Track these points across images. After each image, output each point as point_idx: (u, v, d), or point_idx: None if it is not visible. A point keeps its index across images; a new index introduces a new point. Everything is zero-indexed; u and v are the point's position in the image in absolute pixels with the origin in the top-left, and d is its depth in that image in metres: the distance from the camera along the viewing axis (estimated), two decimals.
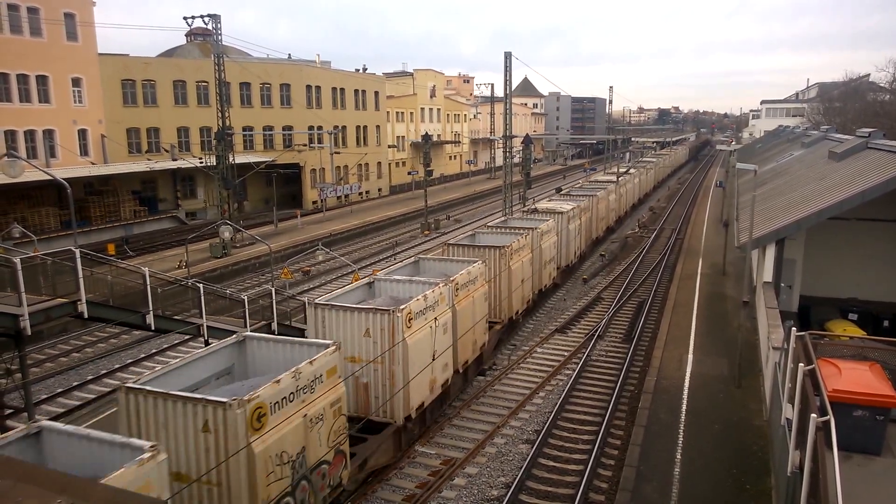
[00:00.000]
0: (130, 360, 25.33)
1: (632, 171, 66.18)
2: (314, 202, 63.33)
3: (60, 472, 5.64)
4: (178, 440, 11.08)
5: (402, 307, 16.28)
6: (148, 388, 11.48)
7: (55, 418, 20.09)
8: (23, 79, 42.29)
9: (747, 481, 14.59)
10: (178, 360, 13.17)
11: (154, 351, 26.33)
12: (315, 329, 16.58)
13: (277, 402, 11.49)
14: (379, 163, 76.69)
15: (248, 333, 14.84)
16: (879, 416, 11.90)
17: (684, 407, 18.49)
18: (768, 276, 21.97)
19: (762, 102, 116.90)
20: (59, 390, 22.49)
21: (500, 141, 65.48)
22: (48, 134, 44.31)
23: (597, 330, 27.20)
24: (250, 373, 14.12)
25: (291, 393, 11.87)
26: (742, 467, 15.18)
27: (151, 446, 9.44)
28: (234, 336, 14.47)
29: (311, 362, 12.51)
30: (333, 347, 13.40)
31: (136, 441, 9.85)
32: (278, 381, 11.58)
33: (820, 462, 8.53)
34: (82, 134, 47.05)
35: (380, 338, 16.07)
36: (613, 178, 57.54)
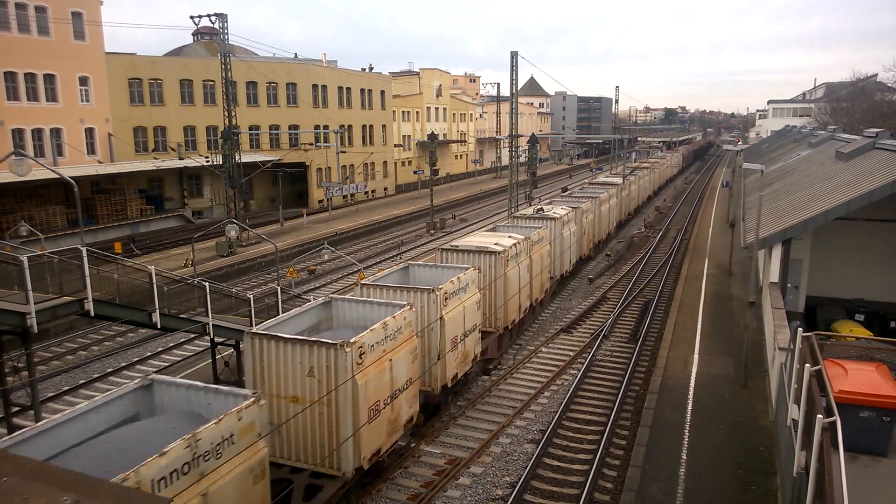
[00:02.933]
0: (137, 359, 25.42)
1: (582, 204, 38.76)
2: (320, 201, 63.41)
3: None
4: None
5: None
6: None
7: None
8: (31, 77, 42.48)
9: (753, 482, 14.55)
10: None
11: (160, 349, 26.42)
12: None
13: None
14: (385, 162, 76.74)
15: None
16: (886, 418, 11.84)
17: (690, 407, 18.45)
18: (775, 276, 21.89)
19: (769, 102, 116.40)
20: (66, 388, 22.59)
21: (506, 140, 65.45)
22: (55, 132, 44.49)
23: (602, 330, 27.16)
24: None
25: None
26: (748, 468, 15.13)
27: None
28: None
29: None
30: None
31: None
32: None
33: (826, 463, 8.50)
34: (89, 132, 47.24)
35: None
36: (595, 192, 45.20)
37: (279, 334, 14.09)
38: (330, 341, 13.59)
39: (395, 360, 15.42)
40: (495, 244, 24.39)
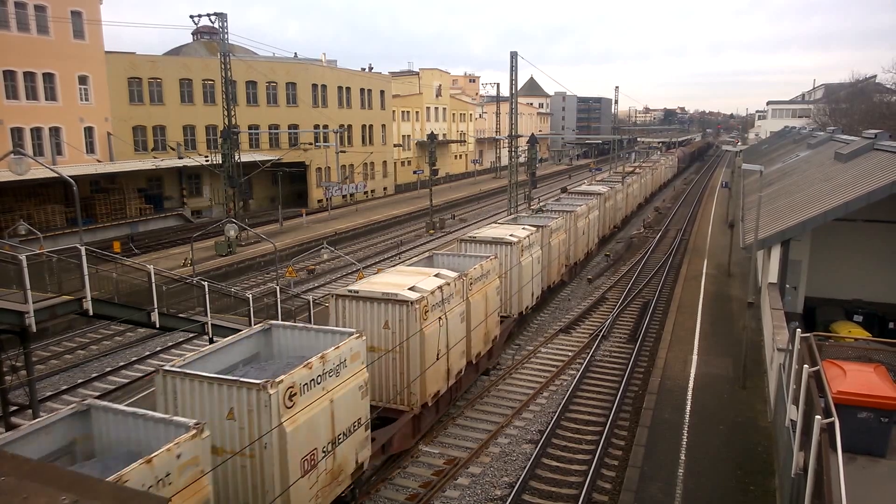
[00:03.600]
0: (135, 358, 25.41)
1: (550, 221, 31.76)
2: (319, 201, 63.41)
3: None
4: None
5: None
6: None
7: None
8: (30, 76, 42.44)
9: (751, 482, 14.56)
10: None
11: (159, 349, 26.41)
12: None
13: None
14: (384, 162, 76.73)
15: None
16: (884, 418, 11.85)
17: (689, 407, 18.46)
18: (774, 277, 21.91)
19: (768, 103, 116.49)
20: (64, 387, 22.57)
21: (506, 140, 65.52)
22: (55, 131, 44.45)
23: (601, 330, 27.16)
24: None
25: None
26: (746, 468, 15.15)
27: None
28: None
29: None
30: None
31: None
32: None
33: (824, 464, 8.51)
34: (89, 132, 47.21)
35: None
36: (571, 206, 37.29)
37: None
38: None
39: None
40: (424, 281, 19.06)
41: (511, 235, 25.76)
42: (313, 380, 12.34)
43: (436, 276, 18.85)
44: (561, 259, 32.03)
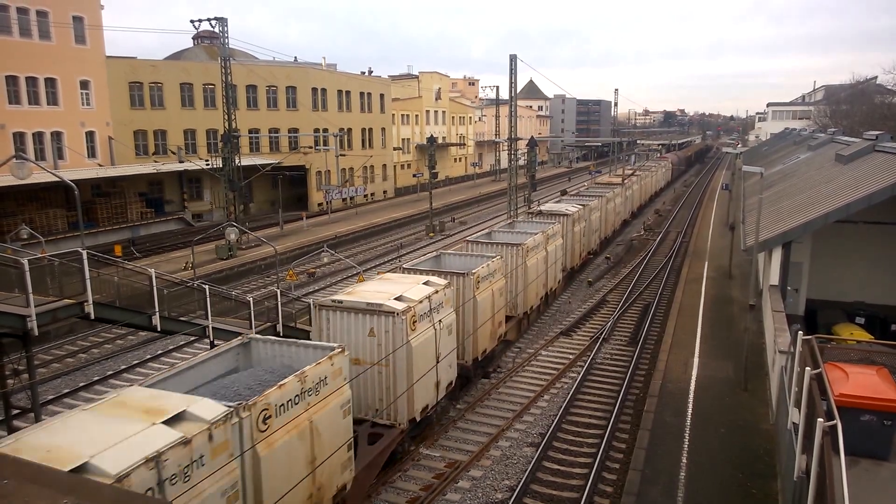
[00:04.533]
0: (136, 362, 25.41)
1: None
2: (319, 204, 63.44)
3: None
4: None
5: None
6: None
7: None
8: (32, 81, 42.53)
9: (753, 485, 14.53)
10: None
11: (160, 352, 26.41)
12: None
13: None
14: (384, 165, 76.78)
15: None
16: (887, 421, 11.83)
17: (690, 410, 18.42)
18: (775, 279, 21.90)
19: (768, 105, 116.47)
20: (66, 391, 22.57)
21: (505, 143, 65.59)
22: (56, 136, 44.51)
23: (602, 333, 27.14)
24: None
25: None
26: (748, 471, 15.11)
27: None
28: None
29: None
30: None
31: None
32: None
33: (827, 467, 8.49)
34: (90, 136, 47.28)
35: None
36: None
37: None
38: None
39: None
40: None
41: (400, 299, 17.04)
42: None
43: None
44: (500, 313, 23.87)
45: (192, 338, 25.28)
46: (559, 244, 31.78)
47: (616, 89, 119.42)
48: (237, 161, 46.06)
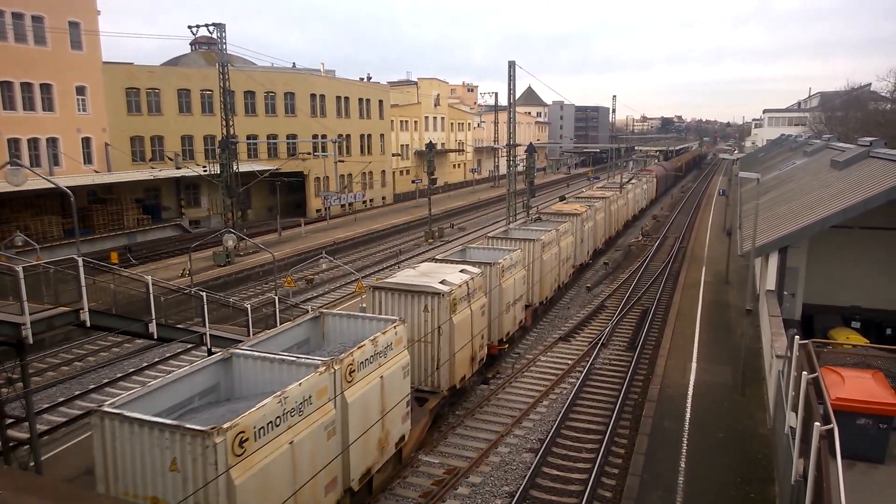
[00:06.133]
0: (133, 370, 25.33)
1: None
2: (318, 210, 63.44)
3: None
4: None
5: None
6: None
7: (56, 428, 20.11)
8: (27, 87, 42.51)
9: (751, 489, 14.51)
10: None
11: (157, 360, 26.33)
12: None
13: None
14: (383, 171, 76.84)
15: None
16: (883, 425, 11.85)
17: (688, 415, 18.42)
18: (771, 284, 21.94)
19: (764, 111, 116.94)
20: (61, 399, 22.48)
21: (504, 149, 65.67)
22: (52, 142, 44.49)
23: (601, 338, 27.13)
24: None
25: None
26: (746, 475, 15.10)
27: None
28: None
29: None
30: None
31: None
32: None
33: (824, 470, 8.50)
34: (86, 142, 47.24)
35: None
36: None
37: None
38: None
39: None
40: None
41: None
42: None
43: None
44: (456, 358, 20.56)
45: (190, 345, 25.26)
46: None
47: (614, 96, 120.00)
48: (235, 167, 46.06)
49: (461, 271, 20.99)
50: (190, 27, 47.37)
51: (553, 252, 30.74)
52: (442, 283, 19.25)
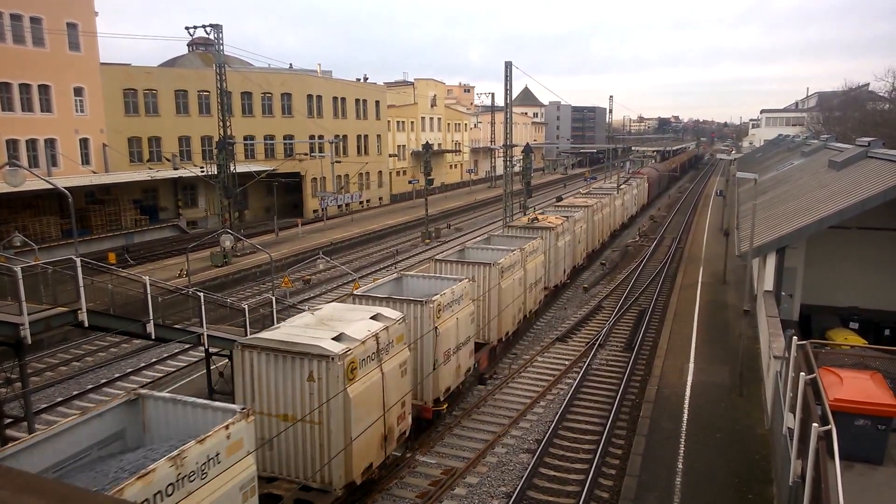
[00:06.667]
0: (131, 370, 25.30)
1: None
2: (315, 211, 63.40)
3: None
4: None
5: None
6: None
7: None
8: (25, 88, 42.43)
9: (749, 490, 14.53)
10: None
11: (155, 360, 26.30)
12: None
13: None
14: (380, 172, 76.81)
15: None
16: (881, 426, 11.87)
17: (686, 416, 18.44)
18: (769, 284, 21.96)
19: (762, 111, 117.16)
20: (59, 399, 22.45)
21: (501, 150, 65.70)
22: (50, 143, 44.40)
23: (598, 339, 27.16)
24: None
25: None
26: (744, 476, 15.12)
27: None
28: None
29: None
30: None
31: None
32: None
33: (822, 471, 8.51)
34: (84, 143, 47.16)
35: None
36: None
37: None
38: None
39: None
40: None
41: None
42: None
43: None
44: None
45: (187, 345, 25.24)
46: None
47: (611, 96, 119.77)
48: (232, 168, 46.01)
49: (373, 317, 15.75)
50: (187, 28, 47.31)
51: (516, 277, 25.36)
52: (338, 338, 14.16)
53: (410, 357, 16.79)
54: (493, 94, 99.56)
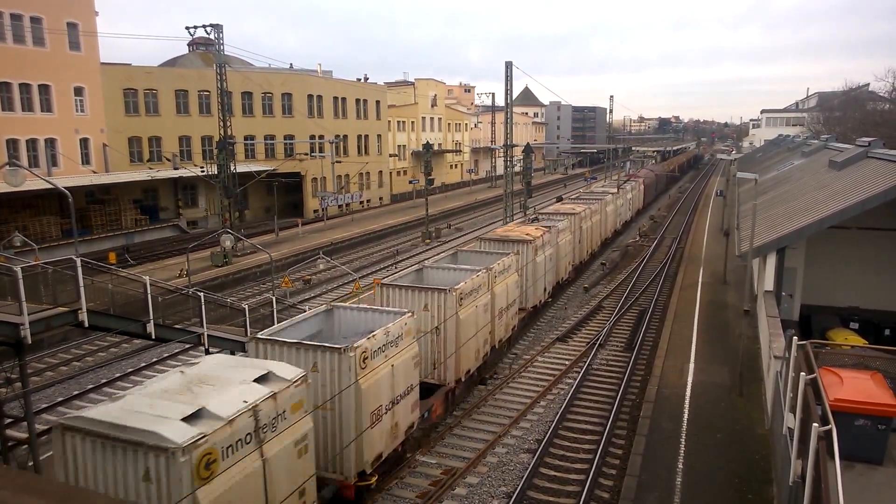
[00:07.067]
0: (131, 370, 25.30)
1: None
2: (315, 211, 63.41)
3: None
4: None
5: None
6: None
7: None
8: (25, 88, 42.44)
9: (749, 490, 14.53)
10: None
11: (154, 360, 26.30)
12: None
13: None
14: (380, 172, 76.82)
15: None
16: (881, 426, 11.86)
17: (686, 416, 18.44)
18: (769, 284, 21.95)
19: (762, 111, 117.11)
20: (60, 399, 22.45)
21: (501, 150, 65.68)
22: (50, 143, 44.42)
23: (598, 339, 27.15)
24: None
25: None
26: (744, 476, 15.12)
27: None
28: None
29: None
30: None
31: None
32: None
33: (822, 471, 8.51)
34: (84, 143, 47.17)
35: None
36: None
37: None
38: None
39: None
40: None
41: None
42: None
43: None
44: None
45: (187, 345, 25.25)
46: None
47: (611, 96, 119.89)
48: (232, 168, 46.02)
49: (261, 377, 11.86)
50: (187, 28, 47.34)
51: (481, 303, 21.14)
52: (196, 415, 10.31)
53: (314, 428, 12.65)
54: (493, 94, 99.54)
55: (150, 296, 18.07)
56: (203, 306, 19.58)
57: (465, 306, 20.11)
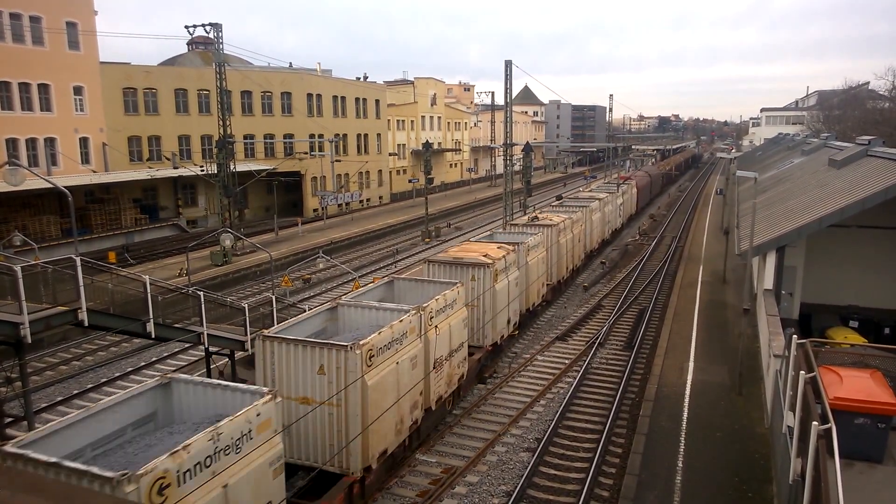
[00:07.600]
0: (131, 369, 25.31)
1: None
2: (315, 210, 63.40)
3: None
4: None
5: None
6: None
7: None
8: (24, 87, 42.42)
9: (749, 489, 14.54)
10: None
11: (154, 359, 26.31)
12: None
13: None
14: (380, 171, 76.79)
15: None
16: (881, 424, 11.87)
17: (685, 415, 18.45)
18: (769, 283, 21.96)
19: (762, 110, 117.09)
20: (59, 398, 22.45)
21: (501, 149, 65.64)
22: (49, 142, 44.40)
23: (598, 338, 27.16)
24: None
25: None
26: (744, 475, 15.13)
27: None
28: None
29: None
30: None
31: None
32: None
33: (822, 470, 8.52)
34: (83, 142, 47.15)
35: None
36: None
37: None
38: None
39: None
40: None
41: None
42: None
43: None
44: None
45: (187, 344, 25.25)
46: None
47: (611, 95, 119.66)
48: (232, 167, 46.00)
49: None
50: (187, 27, 47.25)
51: (406, 357, 16.21)
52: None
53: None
54: (493, 93, 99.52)
55: (149, 295, 18.07)
56: (203, 305, 19.58)
57: (377, 365, 14.89)
